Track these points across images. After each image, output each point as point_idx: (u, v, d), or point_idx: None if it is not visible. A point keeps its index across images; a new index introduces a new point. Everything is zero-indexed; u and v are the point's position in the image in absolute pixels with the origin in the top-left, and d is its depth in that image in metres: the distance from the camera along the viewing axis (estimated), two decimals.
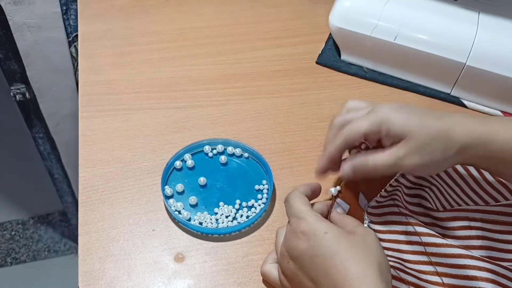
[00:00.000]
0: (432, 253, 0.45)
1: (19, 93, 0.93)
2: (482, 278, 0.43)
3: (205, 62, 0.67)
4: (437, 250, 0.45)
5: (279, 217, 0.52)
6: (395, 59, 0.64)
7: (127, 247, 0.49)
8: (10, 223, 1.51)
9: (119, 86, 0.63)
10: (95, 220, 0.51)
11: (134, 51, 0.67)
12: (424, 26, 0.61)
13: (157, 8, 0.74)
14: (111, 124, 0.59)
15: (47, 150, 1.08)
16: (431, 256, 0.45)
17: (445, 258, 0.45)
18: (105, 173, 0.54)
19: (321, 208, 0.46)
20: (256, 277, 0.47)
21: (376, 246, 0.41)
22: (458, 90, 0.64)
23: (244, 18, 0.73)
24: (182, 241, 0.50)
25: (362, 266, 0.38)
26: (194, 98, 0.62)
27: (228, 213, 0.51)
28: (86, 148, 0.56)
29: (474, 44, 0.59)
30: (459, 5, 0.63)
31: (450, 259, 0.44)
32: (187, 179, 0.54)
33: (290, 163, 0.56)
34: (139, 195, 0.53)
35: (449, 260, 0.44)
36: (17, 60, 0.89)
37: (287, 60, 0.68)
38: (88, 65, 0.65)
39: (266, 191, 0.53)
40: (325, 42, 0.70)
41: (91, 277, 0.47)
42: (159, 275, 0.47)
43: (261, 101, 0.62)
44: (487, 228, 0.47)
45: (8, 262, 1.43)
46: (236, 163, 0.56)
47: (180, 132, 0.58)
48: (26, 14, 0.82)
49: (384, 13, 0.62)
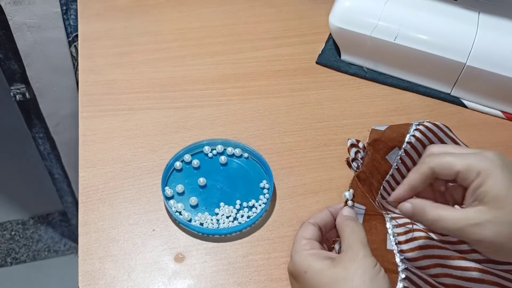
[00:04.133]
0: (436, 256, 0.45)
1: (19, 93, 0.93)
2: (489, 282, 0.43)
3: (205, 62, 0.67)
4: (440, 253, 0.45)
5: (279, 217, 0.52)
6: (395, 59, 0.64)
7: (127, 247, 0.49)
8: (10, 223, 1.51)
9: (119, 86, 0.63)
10: (95, 220, 0.51)
11: (134, 51, 0.67)
12: (424, 26, 0.61)
13: (157, 8, 0.74)
14: (111, 124, 0.59)
15: (47, 150, 1.08)
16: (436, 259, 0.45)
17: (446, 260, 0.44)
18: (105, 173, 0.54)
19: (323, 218, 0.44)
20: (256, 277, 0.47)
21: (359, 277, 0.36)
22: (458, 90, 0.63)
23: (244, 18, 0.73)
24: (182, 241, 0.50)
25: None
26: (194, 98, 0.62)
27: (228, 213, 0.51)
28: (86, 148, 0.56)
29: (474, 44, 0.59)
30: (459, 5, 0.63)
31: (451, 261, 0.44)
32: (187, 180, 0.54)
33: (290, 163, 0.56)
34: (139, 195, 0.53)
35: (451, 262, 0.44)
36: (17, 60, 0.89)
37: (287, 60, 0.68)
38: (88, 65, 0.65)
39: (266, 191, 0.53)
40: (325, 42, 0.70)
41: (91, 277, 0.47)
42: (159, 275, 0.47)
43: (261, 101, 0.62)
44: None
45: (8, 262, 1.43)
46: (236, 163, 0.56)
47: (180, 132, 0.58)
48: (26, 14, 0.82)
49: (384, 13, 0.62)
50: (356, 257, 0.37)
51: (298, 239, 0.42)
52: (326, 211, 0.45)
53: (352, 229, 0.40)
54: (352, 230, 0.40)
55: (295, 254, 0.41)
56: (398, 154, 0.51)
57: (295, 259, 0.41)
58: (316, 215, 0.45)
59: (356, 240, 0.39)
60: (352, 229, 0.40)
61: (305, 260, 0.40)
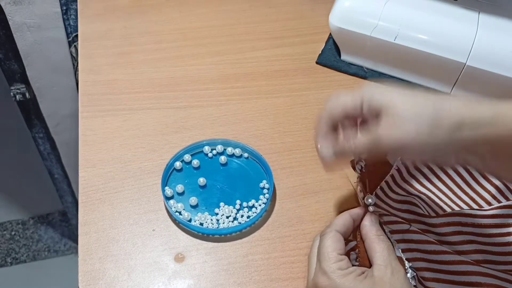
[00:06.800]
0: (433, 261, 0.45)
1: (19, 93, 0.93)
2: (487, 284, 0.42)
3: (205, 62, 0.67)
4: (437, 258, 0.45)
5: (279, 217, 0.52)
6: (395, 59, 0.64)
7: (127, 247, 0.49)
8: (10, 223, 1.51)
9: (119, 86, 0.63)
10: (95, 220, 0.51)
11: (134, 51, 0.67)
12: (424, 26, 0.61)
13: (157, 8, 0.74)
14: (111, 124, 0.59)
15: (47, 150, 1.08)
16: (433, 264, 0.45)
17: (446, 265, 0.44)
18: (105, 173, 0.54)
19: (345, 225, 0.43)
20: (256, 277, 0.47)
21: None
22: (458, 90, 0.63)
23: (244, 18, 0.73)
24: (182, 241, 0.50)
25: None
26: (194, 98, 0.62)
27: (228, 213, 0.51)
28: (86, 148, 0.56)
29: (474, 44, 0.59)
30: (459, 5, 0.63)
31: (450, 266, 0.44)
32: (187, 180, 0.54)
33: (290, 163, 0.56)
34: (139, 195, 0.53)
35: (450, 267, 0.44)
36: (17, 60, 0.89)
37: (287, 60, 0.68)
38: (88, 65, 0.65)
39: (266, 191, 0.53)
40: (325, 42, 0.70)
41: (91, 277, 0.47)
42: (159, 275, 0.47)
43: (261, 101, 0.62)
44: (478, 233, 0.46)
45: (8, 262, 1.43)
46: (236, 163, 0.56)
47: (180, 132, 0.58)
48: (26, 14, 0.82)
49: (384, 13, 0.62)
50: (399, 272, 0.39)
51: (331, 253, 0.40)
52: (347, 216, 0.44)
53: (387, 245, 0.41)
54: (388, 245, 0.41)
55: (332, 274, 0.39)
56: None
57: (334, 279, 0.39)
58: (339, 222, 0.43)
59: (393, 256, 0.40)
60: (387, 244, 0.41)
61: (347, 282, 0.38)
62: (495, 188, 0.50)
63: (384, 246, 0.41)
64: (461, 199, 0.50)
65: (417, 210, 0.48)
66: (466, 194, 0.50)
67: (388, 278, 0.38)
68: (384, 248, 0.41)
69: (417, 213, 0.48)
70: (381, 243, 0.41)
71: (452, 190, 0.51)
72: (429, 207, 0.49)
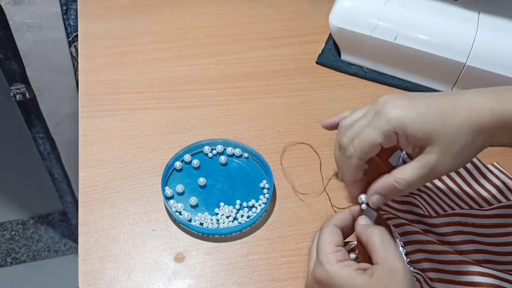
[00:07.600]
0: (436, 260, 0.45)
1: (19, 93, 0.93)
2: (487, 284, 0.42)
3: (205, 62, 0.67)
4: (440, 257, 0.45)
5: (279, 217, 0.52)
6: (395, 59, 0.64)
7: (127, 247, 0.49)
8: (10, 223, 1.51)
9: (119, 86, 0.63)
10: (95, 220, 0.51)
11: (134, 51, 0.67)
12: (424, 26, 0.61)
13: (157, 8, 0.74)
14: (111, 124, 0.59)
15: (47, 150, 1.08)
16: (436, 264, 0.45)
17: (448, 265, 0.44)
18: (105, 173, 0.54)
19: (345, 220, 0.43)
20: (256, 277, 0.47)
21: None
22: (458, 90, 0.63)
23: (244, 18, 0.73)
24: (182, 241, 0.50)
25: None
26: (194, 98, 0.62)
27: (228, 213, 0.51)
28: (86, 148, 0.56)
29: (474, 44, 0.59)
30: (459, 5, 0.63)
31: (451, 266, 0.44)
32: (187, 180, 0.54)
33: (290, 163, 0.56)
34: (139, 195, 0.53)
35: (451, 267, 0.44)
36: (17, 60, 0.89)
37: (287, 60, 0.68)
38: (88, 65, 0.65)
39: (266, 191, 0.53)
40: (325, 42, 0.70)
41: (91, 277, 0.47)
42: (159, 275, 0.47)
43: (261, 101, 0.62)
44: (478, 233, 0.46)
45: (8, 262, 1.43)
46: (236, 163, 0.56)
47: (180, 132, 0.58)
48: (26, 14, 0.82)
49: (384, 13, 0.62)
50: (396, 270, 0.38)
51: (328, 245, 0.40)
52: (347, 212, 0.44)
53: (382, 241, 0.40)
54: (382, 241, 0.40)
55: (327, 264, 0.39)
56: (400, 156, 0.51)
57: (330, 270, 0.39)
58: (338, 217, 0.43)
59: (390, 252, 0.39)
60: (381, 240, 0.40)
61: (340, 273, 0.38)
62: (495, 188, 0.50)
63: (379, 242, 0.40)
64: (461, 199, 0.50)
65: (418, 211, 0.48)
66: (466, 194, 0.50)
67: (386, 277, 0.38)
68: (379, 245, 0.40)
69: (417, 213, 0.48)
70: (374, 238, 0.41)
71: (452, 190, 0.51)
72: (429, 207, 0.49)
